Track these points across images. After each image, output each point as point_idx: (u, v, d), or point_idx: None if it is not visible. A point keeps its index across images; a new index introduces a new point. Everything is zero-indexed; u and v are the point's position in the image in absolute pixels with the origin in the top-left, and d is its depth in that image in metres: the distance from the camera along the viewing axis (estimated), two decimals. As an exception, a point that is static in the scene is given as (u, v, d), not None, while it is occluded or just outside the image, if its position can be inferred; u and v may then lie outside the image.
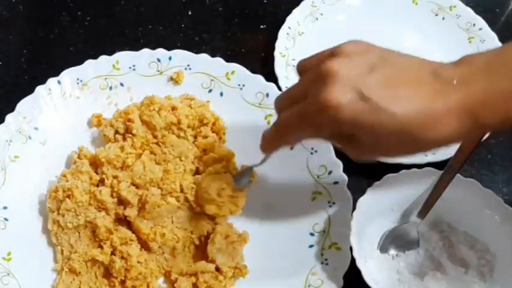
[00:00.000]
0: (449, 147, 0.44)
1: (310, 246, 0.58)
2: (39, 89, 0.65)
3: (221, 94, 0.67)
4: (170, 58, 0.68)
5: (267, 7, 0.80)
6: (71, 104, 0.66)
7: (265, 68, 0.70)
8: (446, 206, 0.57)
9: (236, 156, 0.63)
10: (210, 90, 0.67)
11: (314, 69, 0.45)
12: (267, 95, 0.65)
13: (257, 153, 0.64)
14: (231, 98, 0.66)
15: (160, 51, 0.68)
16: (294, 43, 0.73)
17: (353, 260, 0.53)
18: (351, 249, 0.54)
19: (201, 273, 0.56)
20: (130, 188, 0.58)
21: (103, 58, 0.67)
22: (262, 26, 0.78)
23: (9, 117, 0.63)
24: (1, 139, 0.62)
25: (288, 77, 0.69)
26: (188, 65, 0.68)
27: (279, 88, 0.66)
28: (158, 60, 0.68)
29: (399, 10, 0.78)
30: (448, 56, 0.76)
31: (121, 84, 0.67)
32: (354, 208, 0.56)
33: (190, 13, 0.80)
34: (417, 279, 0.55)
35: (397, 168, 0.58)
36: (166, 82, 0.68)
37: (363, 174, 0.62)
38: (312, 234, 0.58)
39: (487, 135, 0.61)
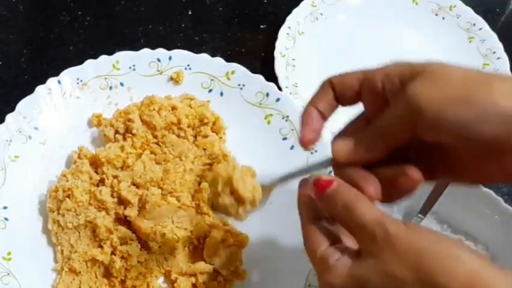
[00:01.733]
0: None
1: (311, 246, 0.58)
2: (39, 89, 0.65)
3: (221, 94, 0.67)
4: (170, 58, 0.68)
5: (267, 7, 0.80)
6: (71, 104, 0.66)
7: (266, 68, 0.71)
8: (446, 206, 0.57)
9: (236, 156, 0.64)
10: (210, 90, 0.67)
11: None
12: (267, 94, 0.65)
13: (257, 153, 0.64)
14: (231, 97, 0.66)
15: (160, 51, 0.68)
16: (294, 43, 0.73)
17: (353, 260, 0.53)
18: (351, 249, 0.54)
19: (200, 274, 0.56)
20: (130, 187, 0.58)
21: (103, 58, 0.67)
22: (262, 26, 0.78)
23: (9, 117, 0.62)
24: (1, 139, 0.62)
25: (288, 76, 0.69)
26: (188, 65, 0.68)
27: (279, 88, 0.66)
28: (158, 60, 0.68)
29: (399, 10, 0.78)
30: (448, 56, 0.77)
31: (121, 84, 0.67)
32: (354, 208, 0.56)
33: (190, 13, 0.80)
34: (417, 279, 0.55)
35: (397, 168, 0.58)
36: (166, 82, 0.68)
37: (363, 174, 0.62)
38: (312, 234, 0.58)
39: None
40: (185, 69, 0.67)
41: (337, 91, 0.42)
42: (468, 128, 0.35)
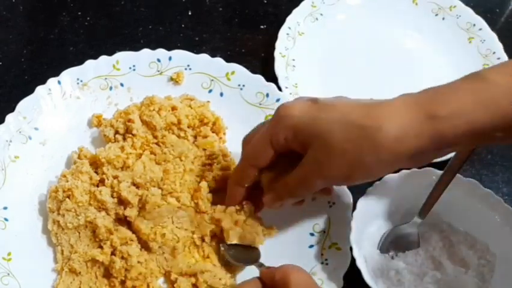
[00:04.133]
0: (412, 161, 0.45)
1: (311, 246, 0.58)
2: (39, 89, 0.65)
3: (221, 94, 0.67)
4: (170, 58, 0.68)
5: (267, 7, 0.80)
6: (71, 104, 0.66)
7: (265, 68, 0.71)
8: (446, 206, 0.57)
9: (236, 156, 0.64)
10: (210, 91, 0.67)
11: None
12: (267, 95, 0.65)
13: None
14: (231, 98, 0.66)
15: (160, 52, 0.68)
16: (294, 43, 0.73)
17: (353, 260, 0.53)
18: (351, 249, 0.54)
19: (201, 273, 0.56)
20: (130, 188, 0.58)
21: (103, 58, 0.67)
22: (262, 26, 0.78)
23: (9, 117, 0.63)
24: (1, 139, 0.62)
25: (288, 77, 0.69)
26: (188, 65, 0.68)
27: (279, 88, 0.66)
28: (159, 60, 0.68)
29: (399, 10, 0.78)
30: (448, 56, 0.77)
31: (121, 85, 0.67)
32: (354, 208, 0.56)
33: (190, 13, 0.80)
34: (417, 280, 0.55)
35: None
36: (166, 82, 0.68)
37: (363, 174, 0.62)
38: (312, 234, 0.58)
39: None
40: (186, 69, 0.67)
41: (261, 166, 0.53)
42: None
